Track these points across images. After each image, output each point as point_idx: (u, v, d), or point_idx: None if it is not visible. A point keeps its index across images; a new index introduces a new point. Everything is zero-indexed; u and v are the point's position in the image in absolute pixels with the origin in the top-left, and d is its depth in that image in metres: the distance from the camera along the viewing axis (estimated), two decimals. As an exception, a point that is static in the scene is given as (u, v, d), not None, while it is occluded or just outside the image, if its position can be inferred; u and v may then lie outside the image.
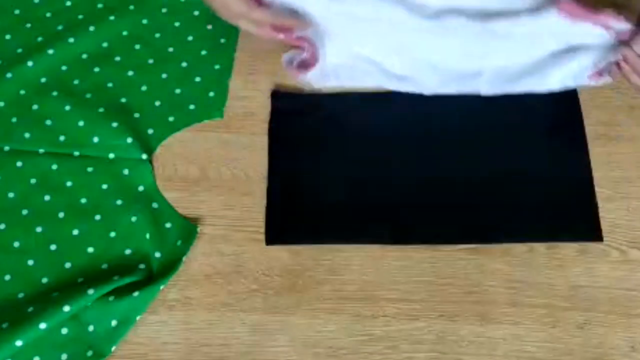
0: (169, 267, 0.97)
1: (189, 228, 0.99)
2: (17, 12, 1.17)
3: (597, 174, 1.02)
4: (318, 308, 0.95)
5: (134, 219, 1.00)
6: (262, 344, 0.93)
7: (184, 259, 0.97)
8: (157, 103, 1.09)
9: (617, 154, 1.03)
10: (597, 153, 1.03)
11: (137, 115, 1.08)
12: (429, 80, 1.07)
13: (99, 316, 0.93)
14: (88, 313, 0.93)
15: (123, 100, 1.09)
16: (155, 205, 1.01)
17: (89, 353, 0.92)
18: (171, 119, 1.08)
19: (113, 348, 0.92)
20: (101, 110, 1.08)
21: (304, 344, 0.93)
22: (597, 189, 1.01)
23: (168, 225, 1.00)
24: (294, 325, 0.94)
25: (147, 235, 0.99)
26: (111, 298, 0.93)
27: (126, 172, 1.04)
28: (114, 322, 0.93)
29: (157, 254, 0.98)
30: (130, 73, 1.12)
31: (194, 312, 0.94)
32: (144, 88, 1.11)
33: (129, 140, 1.05)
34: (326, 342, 0.93)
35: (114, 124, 1.06)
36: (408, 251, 0.98)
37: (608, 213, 0.99)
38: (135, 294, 0.94)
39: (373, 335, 0.93)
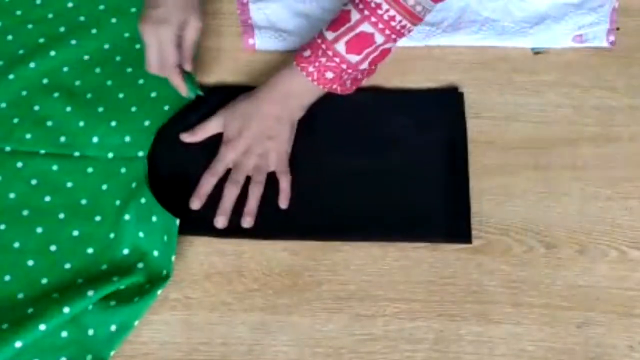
0: (164, 266, 0.96)
1: (169, 221, 0.98)
2: (18, 12, 1.16)
3: (597, 174, 1.02)
4: (318, 307, 0.95)
5: (127, 217, 1.00)
6: (262, 343, 0.93)
7: (173, 258, 0.96)
8: (153, 94, 1.09)
9: (616, 154, 1.04)
10: (597, 153, 1.04)
11: (134, 109, 1.08)
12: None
13: (98, 320, 0.93)
14: (88, 317, 0.93)
15: (120, 95, 1.09)
16: (143, 200, 1.01)
17: (88, 357, 0.92)
18: (166, 108, 1.08)
19: (112, 353, 0.92)
20: (100, 109, 1.08)
21: (304, 343, 0.93)
22: (596, 188, 1.01)
23: (154, 218, 0.99)
24: (294, 325, 0.94)
25: (141, 234, 0.98)
26: (112, 302, 0.93)
27: (123, 170, 1.04)
28: (113, 327, 0.93)
29: (154, 252, 0.97)
30: (130, 70, 1.12)
31: (194, 311, 0.95)
32: (141, 81, 1.11)
33: (127, 138, 1.06)
34: (326, 342, 0.93)
35: (113, 123, 1.06)
36: (408, 251, 0.98)
37: (607, 213, 1.00)
38: (135, 299, 0.94)
39: (373, 335, 0.93)
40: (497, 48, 1.11)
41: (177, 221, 0.98)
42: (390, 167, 1.03)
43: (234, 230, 1.00)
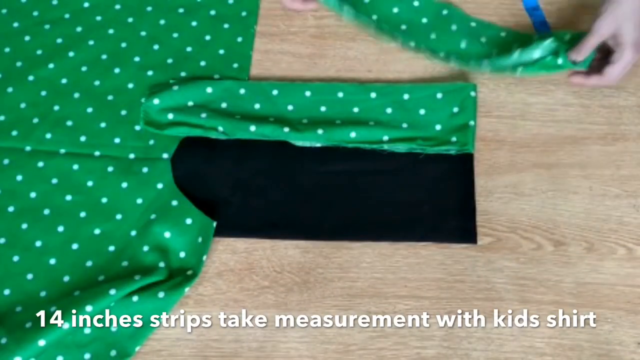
0: (191, 266, 0.98)
1: (206, 223, 1.00)
2: (35, 13, 1.18)
3: (605, 173, 1.02)
4: (329, 304, 0.96)
5: (153, 216, 1.02)
6: (274, 340, 0.94)
7: (204, 258, 0.98)
8: None
9: (624, 152, 1.04)
10: (605, 152, 1.04)
11: None
12: None
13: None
14: (110, 313, 0.94)
15: (143, 100, 1.09)
16: (174, 202, 1.02)
17: (113, 353, 0.93)
18: None
19: (137, 348, 0.94)
20: (124, 112, 1.09)
21: (314, 340, 0.94)
22: (604, 186, 1.01)
23: (189, 221, 1.01)
24: (305, 322, 0.95)
25: (167, 234, 1.00)
26: (135, 298, 0.95)
27: (145, 169, 1.05)
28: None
29: (180, 253, 0.99)
30: (150, 73, 1.13)
31: (206, 308, 0.96)
32: None
33: (151, 142, 1.07)
34: (337, 338, 0.94)
35: (137, 127, 1.08)
36: (418, 248, 0.99)
37: (615, 211, 1.00)
38: (160, 294, 0.95)
39: (383, 332, 0.94)
40: (506, 47, 1.12)
41: (214, 223, 1.00)
42: (396, 167, 1.04)
43: (246, 229, 1.01)
